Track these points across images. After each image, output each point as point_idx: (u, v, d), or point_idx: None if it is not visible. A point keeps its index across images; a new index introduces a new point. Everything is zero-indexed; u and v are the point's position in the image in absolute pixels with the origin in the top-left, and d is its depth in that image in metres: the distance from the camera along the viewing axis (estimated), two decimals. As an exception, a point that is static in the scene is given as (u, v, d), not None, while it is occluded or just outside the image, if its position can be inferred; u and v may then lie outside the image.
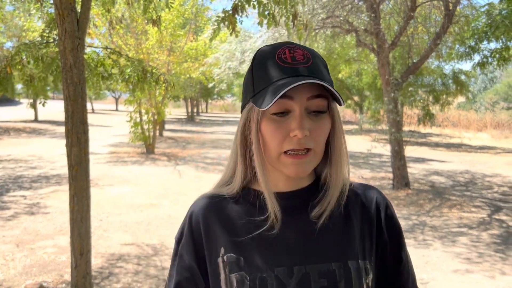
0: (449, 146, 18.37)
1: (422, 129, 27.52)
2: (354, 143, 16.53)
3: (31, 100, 22.21)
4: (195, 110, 34.76)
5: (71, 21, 2.81)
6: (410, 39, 8.87)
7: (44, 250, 4.44)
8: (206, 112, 47.68)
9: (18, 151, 12.17)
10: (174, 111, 24.24)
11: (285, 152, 0.80)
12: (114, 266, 4.07)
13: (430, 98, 18.67)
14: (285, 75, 0.78)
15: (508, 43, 9.48)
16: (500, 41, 9.56)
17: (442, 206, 7.18)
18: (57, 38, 3.55)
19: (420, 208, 6.98)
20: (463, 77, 19.12)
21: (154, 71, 3.57)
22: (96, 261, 4.12)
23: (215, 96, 36.16)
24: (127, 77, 3.49)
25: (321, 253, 0.83)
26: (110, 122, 24.10)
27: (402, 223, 6.01)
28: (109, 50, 3.58)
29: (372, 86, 17.18)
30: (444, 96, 18.71)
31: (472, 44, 9.63)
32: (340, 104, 0.80)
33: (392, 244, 0.90)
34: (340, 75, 20.97)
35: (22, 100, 36.46)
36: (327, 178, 0.88)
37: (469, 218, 6.43)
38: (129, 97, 11.83)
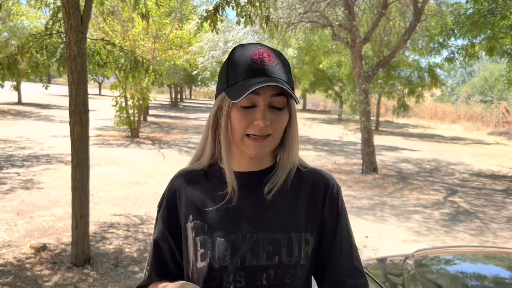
0: (422, 137, 19.23)
1: (401, 120, 28.35)
2: (332, 132, 17.24)
3: (15, 83, 22.25)
4: (178, 96, 35.03)
5: (76, 18, 3.32)
6: (382, 35, 9.50)
7: (43, 218, 4.97)
8: (190, 98, 47.88)
9: (6, 132, 12.48)
10: (158, 96, 24.53)
11: (248, 136, 0.95)
12: (106, 232, 4.63)
13: (406, 91, 19.47)
14: (254, 74, 0.94)
15: (474, 40, 10.17)
16: (467, 38, 10.25)
17: (404, 189, 7.90)
18: (60, 30, 4.04)
19: (383, 190, 7.68)
20: (439, 71, 19.96)
21: (144, 61, 4.09)
22: (90, 228, 4.66)
23: (199, 83, 36.40)
24: (120, 65, 4.01)
25: (270, 224, 0.98)
26: (95, 107, 24.28)
27: (365, 203, 6.70)
28: (104, 41, 4.08)
29: (350, 77, 17.83)
30: (420, 89, 19.52)
31: (441, 40, 10.33)
32: (296, 103, 0.98)
33: (331, 223, 1.03)
34: (321, 66, 21.61)
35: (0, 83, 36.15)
36: (279, 161, 1.03)
37: (426, 199, 7.16)
38: (114, 82, 12.21)
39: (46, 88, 6.13)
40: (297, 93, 33.41)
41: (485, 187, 8.50)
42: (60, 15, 3.94)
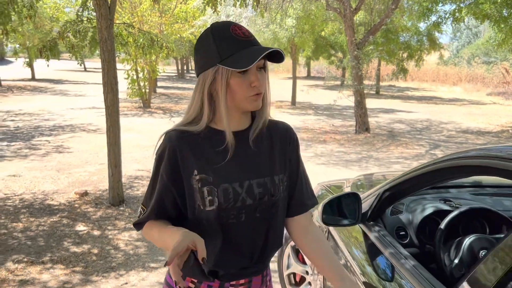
0: (421, 99, 19.92)
1: (403, 84, 28.68)
2: (333, 98, 17.99)
3: (27, 60, 23.14)
4: (185, 68, 35.71)
5: (105, 8, 4.19)
6: (373, 4, 10.15)
7: (79, 173, 5.98)
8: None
9: (27, 106, 13.48)
10: (165, 69, 25.32)
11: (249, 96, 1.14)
12: (133, 182, 5.63)
13: (405, 55, 19.99)
14: (246, 45, 1.11)
15: (461, 4, 10.76)
16: (454, 3, 10.85)
17: (391, 145, 8.80)
18: (89, 17, 4.91)
19: (372, 146, 8.59)
20: (438, 34, 20.37)
21: (158, 39, 4.95)
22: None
23: (204, 54, 36.82)
24: (139, 44, 4.87)
25: (258, 170, 1.20)
26: (104, 80, 25.10)
27: (353, 157, 7.63)
28: (125, 24, 4.93)
29: (349, 44, 18.28)
30: (419, 52, 20.02)
31: (429, 6, 10.95)
32: (282, 58, 1.13)
33: (294, 162, 1.30)
34: (323, 33, 22.12)
35: (11, 59, 36.88)
36: (257, 113, 1.23)
37: (409, 153, 8.06)
38: (125, 56, 13.04)
39: (80, 65, 7.00)
40: (301, 60, 33.83)
41: (467, 142, 9.37)
42: (88, 3, 4.79)
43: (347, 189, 2.55)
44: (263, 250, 1.23)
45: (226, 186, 1.15)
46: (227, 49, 1.11)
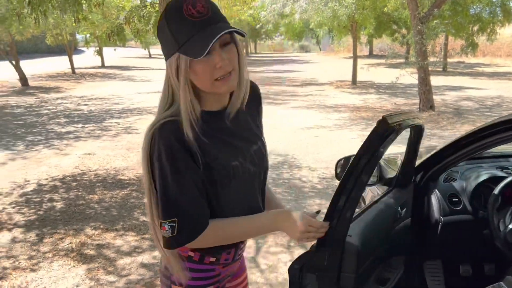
0: (492, 75, 18.67)
1: (473, 60, 26.98)
2: (395, 76, 17.35)
3: (97, 48, 24.50)
4: (244, 50, 35.99)
5: (166, -8, 4.39)
6: (438, -26, 9.61)
7: (146, 152, 6.36)
8: (255, 52, 48.66)
9: (98, 92, 14.38)
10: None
11: (216, 79, 1.07)
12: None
13: (475, 28, 18.74)
14: (200, 27, 1.02)
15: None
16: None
17: (457, 123, 8.42)
18: (152, 2, 5.16)
19: (436, 124, 8.27)
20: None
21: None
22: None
23: (263, 36, 36.95)
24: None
25: (251, 139, 1.25)
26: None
27: (416, 134, 7.39)
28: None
29: (414, 19, 17.48)
30: (491, 25, 18.68)
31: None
32: (243, 36, 1.09)
33: (260, 121, 1.35)
34: (385, 9, 21.27)
35: (82, 49, 39.20)
36: (237, 84, 1.15)
37: (476, 130, 7.67)
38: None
39: (145, 49, 7.32)
40: (363, 38, 32.79)
41: (543, 119, 8.72)
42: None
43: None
44: (261, 208, 1.30)
45: (234, 162, 1.16)
46: (182, 34, 1.04)
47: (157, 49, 49.82)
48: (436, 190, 1.90)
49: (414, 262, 1.88)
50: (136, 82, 17.64)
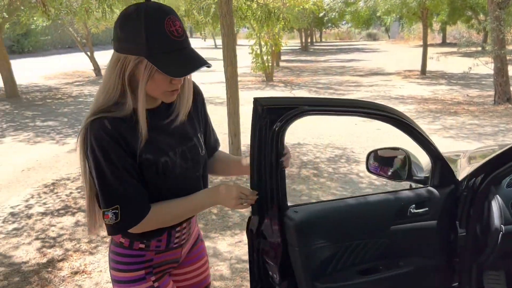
0: None
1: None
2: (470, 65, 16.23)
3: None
4: (309, 40, 35.53)
5: (224, -17, 4.39)
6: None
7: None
8: (320, 41, 47.79)
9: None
10: (289, 42, 25.44)
11: (167, 91, 1.21)
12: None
13: None
14: (178, 47, 1.12)
15: None
16: None
17: (538, 117, 7.70)
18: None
19: (512, 119, 7.63)
20: None
21: (275, 11, 5.04)
22: (241, 144, 5.98)
23: (329, 25, 36.19)
24: (257, 17, 5.02)
25: (186, 136, 1.33)
26: (232, 56, 26.32)
27: (488, 130, 6.87)
28: (244, -2, 5.14)
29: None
30: None
31: None
32: (208, 67, 1.17)
33: (204, 118, 1.46)
34: (461, -6, 19.92)
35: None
36: (178, 105, 1.31)
37: (560, 126, 6.97)
38: (249, 31, 13.47)
39: (205, 41, 7.47)
40: (435, 26, 31.00)
41: None
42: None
43: (463, 160, 2.35)
44: None
45: (166, 158, 1.26)
46: (157, 45, 1.10)
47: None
48: (498, 195, 1.72)
49: (468, 269, 1.73)
50: (200, 72, 17.79)
